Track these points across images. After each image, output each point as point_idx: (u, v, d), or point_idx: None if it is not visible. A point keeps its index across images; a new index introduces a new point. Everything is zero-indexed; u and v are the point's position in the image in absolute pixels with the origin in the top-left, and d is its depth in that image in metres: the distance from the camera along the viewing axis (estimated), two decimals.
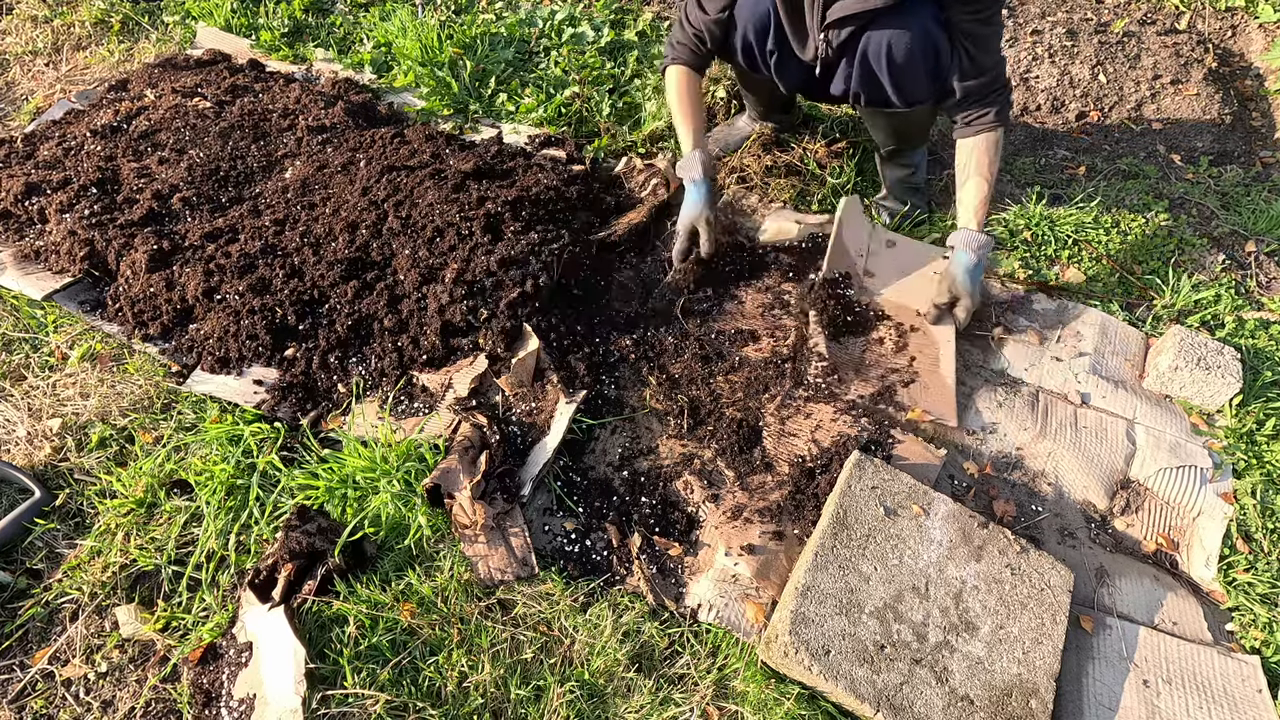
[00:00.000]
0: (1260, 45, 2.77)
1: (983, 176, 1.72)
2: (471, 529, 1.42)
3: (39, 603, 1.42)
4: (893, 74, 1.66)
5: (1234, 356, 1.69)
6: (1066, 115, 2.52)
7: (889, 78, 1.67)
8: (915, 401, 1.67)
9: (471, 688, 1.27)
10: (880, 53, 1.63)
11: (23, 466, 1.59)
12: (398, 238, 1.86)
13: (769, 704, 1.25)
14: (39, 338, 1.84)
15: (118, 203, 2.02)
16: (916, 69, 1.64)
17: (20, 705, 1.30)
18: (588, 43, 2.66)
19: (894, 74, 1.66)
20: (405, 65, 2.59)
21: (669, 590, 1.42)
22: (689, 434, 1.63)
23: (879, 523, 1.39)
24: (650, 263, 2.01)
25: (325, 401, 1.67)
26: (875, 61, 1.65)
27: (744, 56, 1.83)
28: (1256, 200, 2.22)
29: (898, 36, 1.59)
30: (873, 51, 1.64)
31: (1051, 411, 1.70)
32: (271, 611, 1.31)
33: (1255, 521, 1.51)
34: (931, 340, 1.78)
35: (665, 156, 2.21)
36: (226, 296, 1.77)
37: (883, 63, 1.64)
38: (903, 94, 1.71)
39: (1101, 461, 1.62)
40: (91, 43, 2.88)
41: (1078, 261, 2.01)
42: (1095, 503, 1.58)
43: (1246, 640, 1.39)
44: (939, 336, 1.78)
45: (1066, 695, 1.29)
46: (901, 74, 1.65)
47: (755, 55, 1.82)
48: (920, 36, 1.59)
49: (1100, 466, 1.61)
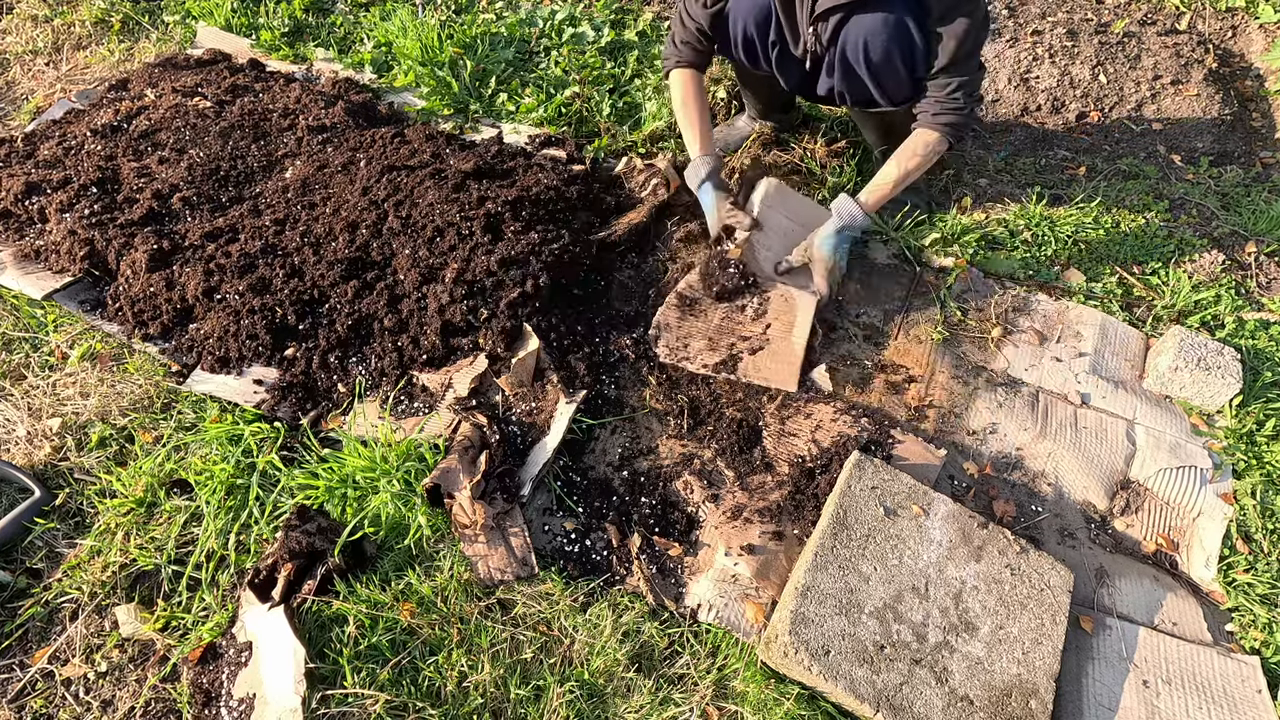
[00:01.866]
0: (1260, 46, 2.77)
1: (898, 163, 1.74)
2: (471, 529, 1.42)
3: (39, 602, 1.42)
4: (871, 70, 1.67)
5: (1234, 357, 1.69)
6: (1067, 115, 2.52)
7: (868, 74, 1.68)
8: (758, 369, 1.67)
9: (471, 687, 1.27)
10: (858, 48, 1.64)
11: (22, 466, 1.58)
12: (398, 237, 1.86)
13: (769, 704, 1.25)
14: (39, 337, 1.84)
15: (118, 202, 2.02)
16: (894, 63, 1.65)
17: (20, 705, 1.30)
18: (588, 43, 2.66)
19: (872, 70, 1.67)
20: (405, 65, 2.59)
21: (669, 590, 1.42)
22: (689, 434, 1.63)
23: (879, 523, 1.39)
24: (650, 263, 2.01)
25: (325, 401, 1.67)
26: (854, 57, 1.66)
27: (744, 51, 1.83)
28: (1256, 201, 2.22)
29: (874, 32, 1.60)
30: (850, 48, 1.65)
31: (1051, 412, 1.70)
32: (271, 611, 1.31)
33: (1255, 522, 1.51)
34: (792, 308, 1.77)
35: (665, 156, 2.21)
36: (226, 296, 1.77)
37: (860, 58, 1.65)
38: (884, 91, 1.72)
39: (1101, 462, 1.62)
40: (92, 42, 2.88)
41: (1078, 262, 2.01)
42: (1095, 503, 1.58)
43: (1246, 641, 1.39)
44: (799, 304, 1.78)
45: (1066, 695, 1.29)
46: (879, 70, 1.67)
47: (756, 49, 1.82)
48: (895, 28, 1.59)
49: (1100, 467, 1.61)
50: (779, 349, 1.70)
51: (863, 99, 1.77)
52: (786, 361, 1.69)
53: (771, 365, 1.67)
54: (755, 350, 1.70)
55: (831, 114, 2.38)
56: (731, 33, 1.81)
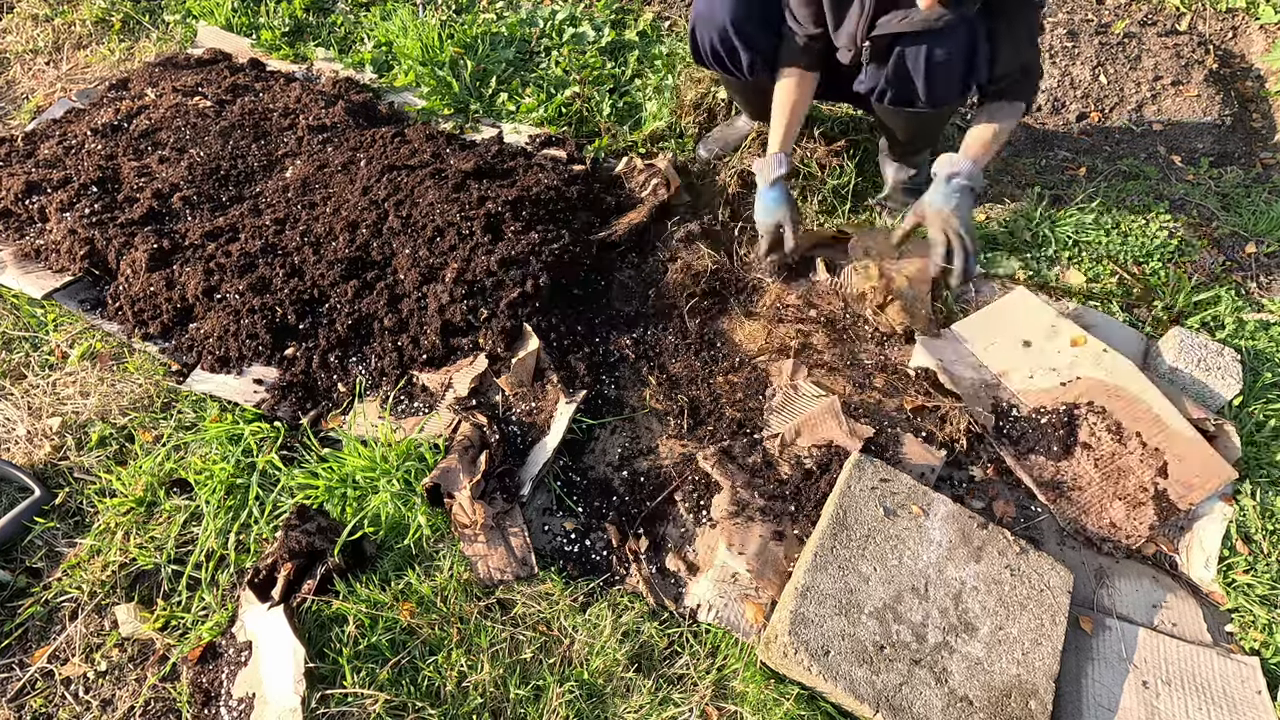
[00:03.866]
0: (1261, 47, 2.77)
1: (989, 125, 1.66)
2: (471, 529, 1.42)
3: (38, 601, 1.42)
4: (929, 78, 1.61)
5: (1234, 358, 1.69)
6: (1067, 116, 2.52)
7: (924, 81, 1.62)
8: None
9: (471, 687, 1.27)
10: (919, 59, 1.58)
11: (22, 465, 1.59)
12: (398, 237, 1.86)
13: (768, 704, 1.25)
14: (39, 336, 1.84)
15: (118, 201, 2.02)
16: (953, 74, 1.60)
17: (20, 704, 1.30)
18: (588, 43, 2.66)
19: (930, 78, 1.61)
20: (406, 65, 2.59)
21: (668, 590, 1.42)
22: (689, 434, 1.63)
23: (879, 523, 1.39)
24: (651, 263, 2.01)
25: (325, 401, 1.67)
26: (913, 65, 1.60)
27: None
28: (1257, 201, 2.22)
29: (939, 45, 1.55)
30: (910, 57, 1.59)
31: None
32: (271, 611, 1.31)
33: (1255, 523, 1.51)
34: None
35: (665, 156, 2.21)
36: (227, 295, 1.77)
37: (920, 67, 1.59)
38: (933, 96, 1.66)
39: None
40: (92, 41, 2.88)
41: (1078, 262, 2.01)
42: None
43: (1246, 641, 1.39)
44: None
45: (1066, 696, 1.29)
46: (936, 79, 1.61)
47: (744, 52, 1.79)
48: (963, 43, 1.55)
49: None
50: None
51: (904, 100, 1.70)
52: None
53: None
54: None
55: (832, 114, 2.37)
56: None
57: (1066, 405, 1.61)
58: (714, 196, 2.18)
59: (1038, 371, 1.68)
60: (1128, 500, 1.51)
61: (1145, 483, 1.52)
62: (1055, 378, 1.66)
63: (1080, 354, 1.67)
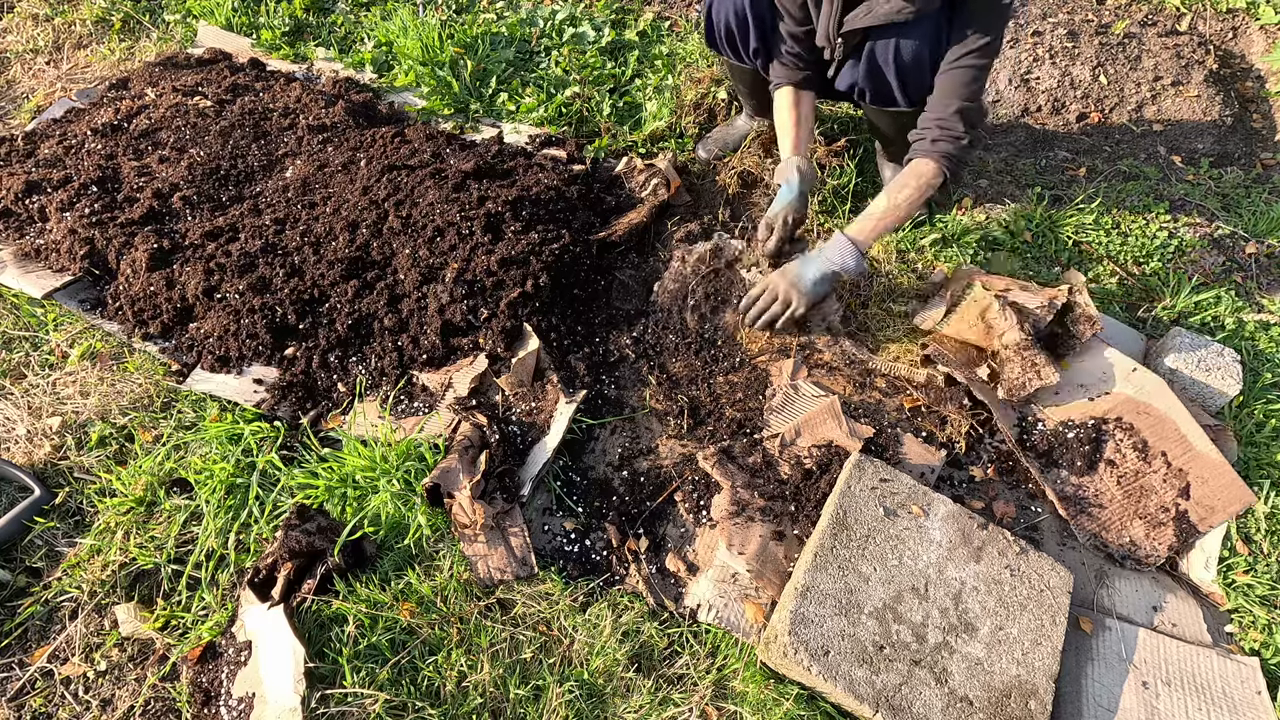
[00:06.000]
0: (1261, 47, 2.77)
1: (889, 194, 1.66)
2: (471, 528, 1.42)
3: (38, 601, 1.42)
4: (900, 74, 1.67)
5: (1234, 358, 1.69)
6: (1067, 116, 2.52)
7: (895, 77, 1.68)
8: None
9: (471, 687, 1.27)
10: (888, 54, 1.65)
11: (22, 465, 1.59)
12: (398, 237, 1.86)
13: (768, 704, 1.25)
14: (39, 336, 1.84)
15: (118, 201, 2.02)
16: (923, 69, 1.65)
17: (19, 704, 1.30)
18: (588, 42, 2.66)
19: (901, 74, 1.67)
20: (406, 65, 2.59)
21: (668, 590, 1.42)
22: (689, 434, 1.63)
23: (879, 523, 1.39)
24: (651, 262, 2.01)
25: (325, 400, 1.67)
26: (883, 61, 1.67)
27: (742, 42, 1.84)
28: (1257, 202, 2.22)
29: (906, 39, 1.61)
30: (880, 52, 1.66)
31: None
32: (271, 610, 1.31)
33: (1255, 523, 1.51)
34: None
35: (665, 156, 2.21)
36: (227, 295, 1.77)
37: (890, 63, 1.66)
38: (907, 93, 1.72)
39: None
40: (92, 41, 2.88)
41: (1078, 263, 2.01)
42: None
43: (1246, 642, 1.39)
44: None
45: (1066, 696, 1.29)
46: (908, 74, 1.67)
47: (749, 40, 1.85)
48: (929, 38, 1.60)
49: None
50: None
51: (884, 98, 1.76)
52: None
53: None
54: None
55: (832, 113, 2.37)
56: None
57: (1094, 420, 1.60)
58: (714, 196, 2.19)
59: (1065, 386, 1.67)
60: (1148, 520, 1.49)
61: (1167, 503, 1.50)
62: (1084, 393, 1.65)
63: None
